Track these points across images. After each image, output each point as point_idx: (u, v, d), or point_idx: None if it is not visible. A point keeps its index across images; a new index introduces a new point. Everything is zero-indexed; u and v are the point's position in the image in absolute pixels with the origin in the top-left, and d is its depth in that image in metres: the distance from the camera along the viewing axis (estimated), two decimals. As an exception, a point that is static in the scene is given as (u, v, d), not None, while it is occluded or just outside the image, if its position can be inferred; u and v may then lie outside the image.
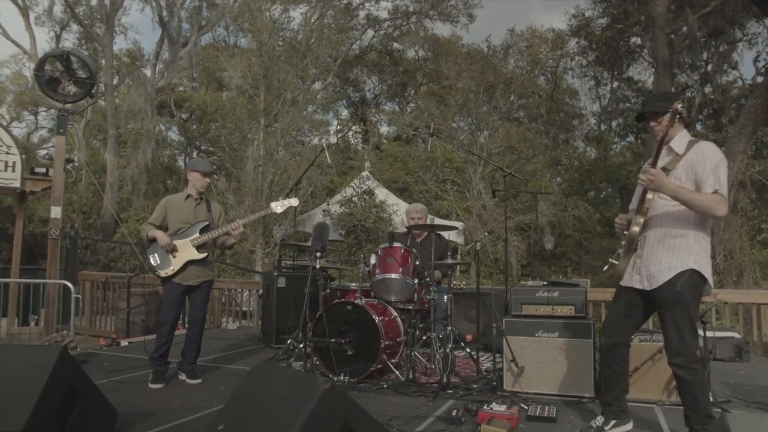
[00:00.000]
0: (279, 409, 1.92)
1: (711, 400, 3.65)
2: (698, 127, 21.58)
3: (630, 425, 3.15)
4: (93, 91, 9.01)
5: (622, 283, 3.09)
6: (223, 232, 4.39)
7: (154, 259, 4.38)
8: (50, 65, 8.67)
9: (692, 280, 2.81)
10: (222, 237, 4.46)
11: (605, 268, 3.82)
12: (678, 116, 2.86)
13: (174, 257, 4.34)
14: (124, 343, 6.44)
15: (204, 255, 4.39)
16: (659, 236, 2.92)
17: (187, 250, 4.35)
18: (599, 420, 3.15)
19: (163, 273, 4.35)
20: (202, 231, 4.39)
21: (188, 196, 4.51)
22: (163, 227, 4.45)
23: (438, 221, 11.16)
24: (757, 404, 3.85)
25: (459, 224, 11.95)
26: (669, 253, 2.87)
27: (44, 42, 28.70)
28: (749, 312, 6.28)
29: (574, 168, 19.97)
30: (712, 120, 21.18)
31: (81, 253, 14.61)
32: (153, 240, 4.36)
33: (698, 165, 2.82)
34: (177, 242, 4.36)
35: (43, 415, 2.45)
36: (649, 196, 2.94)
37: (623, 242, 3.09)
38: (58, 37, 22.39)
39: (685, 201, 2.78)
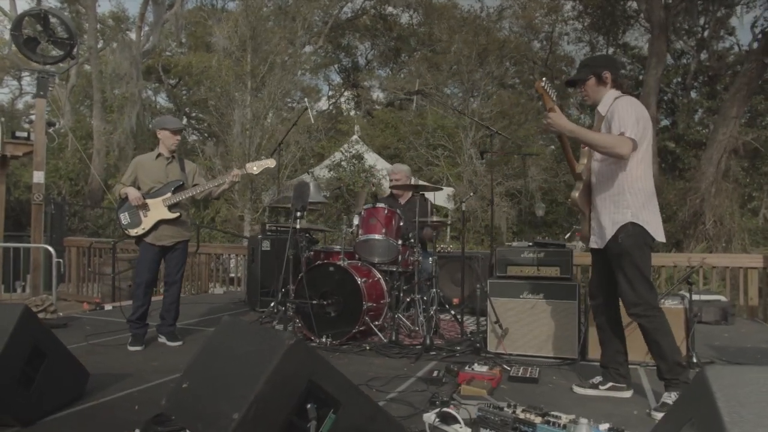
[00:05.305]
0: (243, 366, 1.85)
1: (693, 357, 3.65)
2: (693, 94, 21.39)
3: (628, 393, 3.06)
4: (74, 52, 8.76)
5: (589, 246, 3.15)
6: (196, 193, 4.25)
7: (124, 218, 4.26)
8: (28, 25, 8.39)
9: (634, 231, 2.86)
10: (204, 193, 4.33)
11: (567, 235, 3.86)
12: (600, 80, 3.00)
13: (145, 216, 4.22)
14: (108, 307, 6.37)
15: (176, 215, 4.25)
16: (601, 196, 3.00)
17: (159, 210, 4.23)
18: (597, 378, 3.15)
19: (133, 232, 4.23)
20: (176, 191, 4.26)
21: (159, 155, 4.35)
22: (135, 188, 4.31)
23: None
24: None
25: (449, 189, 11.85)
26: (610, 211, 2.94)
27: (25, 3, 27.80)
28: (736, 276, 6.28)
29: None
30: (707, 87, 20.94)
31: (69, 220, 14.45)
32: (125, 199, 4.24)
33: (611, 117, 2.91)
34: (149, 201, 4.23)
35: (6, 375, 2.37)
36: (583, 160, 3.05)
37: None
38: (39, -1, 21.65)
39: (586, 140, 2.89)
